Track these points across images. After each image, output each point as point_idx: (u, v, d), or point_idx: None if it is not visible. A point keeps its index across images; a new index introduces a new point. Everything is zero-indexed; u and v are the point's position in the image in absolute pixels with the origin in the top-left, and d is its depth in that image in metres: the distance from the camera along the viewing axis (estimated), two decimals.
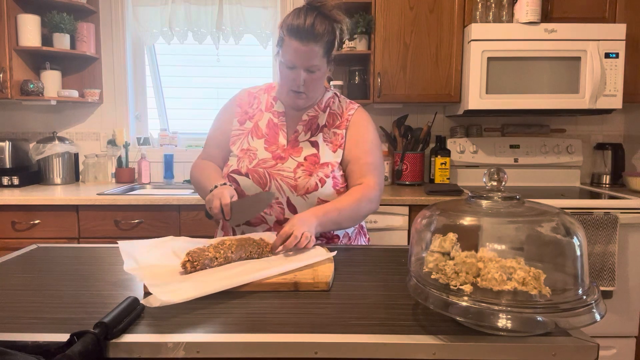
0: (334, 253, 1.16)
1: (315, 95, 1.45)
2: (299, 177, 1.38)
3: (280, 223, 1.40)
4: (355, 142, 1.45)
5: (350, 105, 1.51)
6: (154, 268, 1.05)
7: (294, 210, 1.40)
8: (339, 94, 1.55)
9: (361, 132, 1.47)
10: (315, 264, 1.10)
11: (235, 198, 1.30)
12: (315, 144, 1.44)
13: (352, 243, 1.51)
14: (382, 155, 1.51)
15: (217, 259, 1.07)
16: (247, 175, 1.41)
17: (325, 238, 1.45)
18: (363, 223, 1.59)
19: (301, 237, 1.18)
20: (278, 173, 1.39)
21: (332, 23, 1.34)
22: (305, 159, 1.41)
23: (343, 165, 1.46)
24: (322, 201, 1.39)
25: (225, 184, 1.35)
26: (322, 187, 1.38)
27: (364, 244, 1.56)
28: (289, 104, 1.46)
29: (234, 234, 1.47)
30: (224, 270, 1.05)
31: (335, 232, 1.46)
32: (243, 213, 1.30)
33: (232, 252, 1.10)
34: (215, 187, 1.33)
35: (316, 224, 1.26)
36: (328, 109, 1.49)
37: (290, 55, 1.33)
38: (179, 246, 1.17)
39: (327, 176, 1.40)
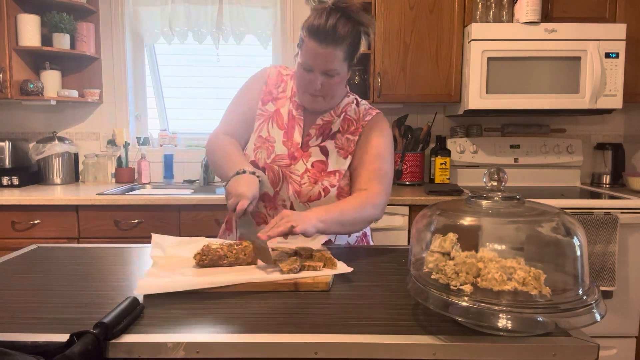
0: (351, 270, 1.08)
1: (334, 100, 1.39)
2: (304, 184, 1.35)
3: None
4: (365, 147, 1.40)
5: (369, 111, 1.45)
6: (173, 259, 1.11)
7: None
8: (359, 99, 1.48)
9: (373, 137, 1.40)
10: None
11: (255, 202, 1.24)
12: (324, 150, 1.40)
13: None
14: (392, 163, 1.43)
15: (227, 257, 1.08)
16: (263, 170, 1.37)
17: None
18: (367, 231, 1.54)
19: (283, 222, 1.13)
20: (290, 174, 1.36)
21: (357, 26, 1.26)
22: (312, 165, 1.37)
23: (350, 169, 1.41)
24: None
25: (254, 172, 1.27)
26: (325, 196, 1.35)
27: None
28: (306, 106, 1.41)
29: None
30: (227, 272, 1.04)
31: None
32: (250, 231, 1.20)
33: (245, 254, 1.09)
34: (240, 173, 1.26)
35: (316, 220, 1.19)
36: (343, 114, 1.43)
37: (308, 58, 1.27)
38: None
39: (333, 185, 1.36)
